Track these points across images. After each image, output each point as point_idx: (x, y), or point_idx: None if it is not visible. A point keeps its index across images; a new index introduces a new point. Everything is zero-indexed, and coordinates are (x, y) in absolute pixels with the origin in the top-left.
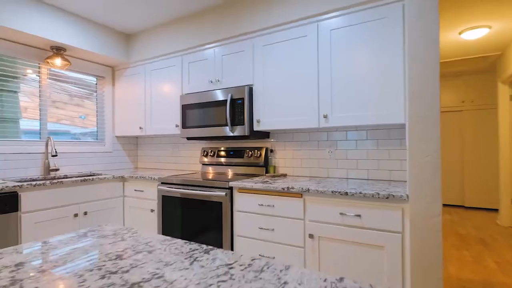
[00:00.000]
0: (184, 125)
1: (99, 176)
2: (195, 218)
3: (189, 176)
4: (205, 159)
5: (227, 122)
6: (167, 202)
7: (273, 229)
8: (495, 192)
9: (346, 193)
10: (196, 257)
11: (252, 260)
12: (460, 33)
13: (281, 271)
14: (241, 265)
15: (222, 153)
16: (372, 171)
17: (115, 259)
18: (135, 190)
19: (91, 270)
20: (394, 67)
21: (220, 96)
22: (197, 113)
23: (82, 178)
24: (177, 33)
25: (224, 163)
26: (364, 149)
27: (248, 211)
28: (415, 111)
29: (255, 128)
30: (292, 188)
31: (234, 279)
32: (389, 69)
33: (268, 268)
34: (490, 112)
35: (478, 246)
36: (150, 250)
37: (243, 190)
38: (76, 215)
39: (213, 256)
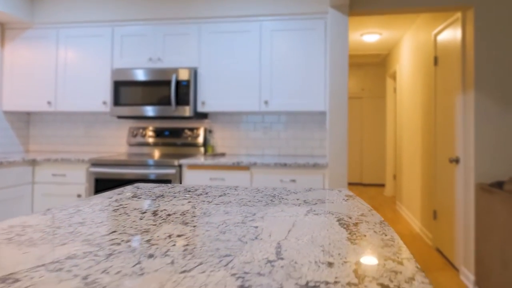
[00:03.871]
0: (116, 103)
1: (8, 160)
2: None
3: (120, 156)
4: (133, 140)
5: (170, 102)
6: (102, 185)
7: None
8: (383, 170)
9: (285, 164)
10: (227, 193)
11: (257, 189)
12: (361, 35)
13: (274, 188)
14: (252, 188)
15: (152, 133)
16: (299, 148)
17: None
18: (53, 174)
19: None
20: (318, 67)
21: (162, 75)
22: (133, 90)
23: None
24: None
25: (157, 144)
26: (293, 130)
27: None
28: (333, 102)
29: (199, 109)
30: (241, 162)
31: (259, 189)
32: (315, 69)
33: (266, 188)
34: (383, 101)
35: None
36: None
37: (194, 166)
38: None
39: (241, 189)
